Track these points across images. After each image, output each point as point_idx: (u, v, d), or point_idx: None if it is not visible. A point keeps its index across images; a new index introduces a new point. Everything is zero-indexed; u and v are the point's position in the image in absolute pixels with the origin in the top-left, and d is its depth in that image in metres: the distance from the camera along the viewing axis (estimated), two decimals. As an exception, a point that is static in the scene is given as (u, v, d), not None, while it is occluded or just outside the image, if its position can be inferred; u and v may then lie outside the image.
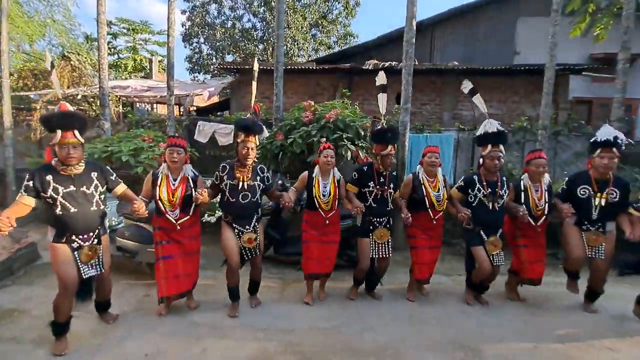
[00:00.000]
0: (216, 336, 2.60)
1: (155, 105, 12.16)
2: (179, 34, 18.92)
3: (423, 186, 3.07)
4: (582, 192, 2.99)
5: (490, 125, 3.04)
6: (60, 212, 2.25)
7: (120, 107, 9.06)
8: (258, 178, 2.88)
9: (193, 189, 2.75)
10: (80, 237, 2.33)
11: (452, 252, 4.46)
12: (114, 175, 2.56)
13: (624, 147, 2.97)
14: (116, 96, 8.86)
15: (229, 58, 18.77)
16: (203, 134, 6.77)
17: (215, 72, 17.76)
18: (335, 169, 3.12)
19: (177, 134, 3.67)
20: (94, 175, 2.40)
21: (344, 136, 4.05)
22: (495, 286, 3.58)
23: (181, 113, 10.13)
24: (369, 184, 3.07)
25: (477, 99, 3.40)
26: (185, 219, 2.76)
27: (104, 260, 2.49)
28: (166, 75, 5.96)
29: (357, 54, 9.61)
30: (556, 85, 4.83)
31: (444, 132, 6.44)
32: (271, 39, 16.97)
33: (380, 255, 3.15)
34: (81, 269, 2.34)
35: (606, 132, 2.92)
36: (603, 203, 2.92)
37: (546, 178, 3.13)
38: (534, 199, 3.07)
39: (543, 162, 3.07)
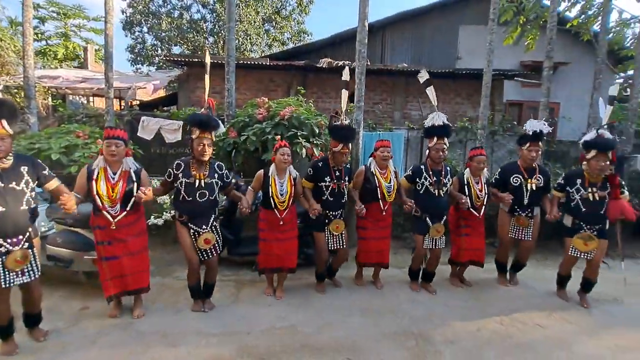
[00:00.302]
0: (166, 345, 2.45)
1: (91, 98, 11.10)
2: (119, 21, 17.52)
3: (375, 177, 3.22)
4: (514, 181, 3.40)
5: (438, 118, 3.28)
6: None
7: (50, 99, 8.13)
8: (216, 175, 2.78)
9: (136, 183, 2.58)
10: (9, 240, 2.09)
11: (403, 245, 4.65)
12: (47, 169, 2.32)
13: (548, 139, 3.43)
14: (44, 87, 7.94)
15: (176, 50, 17.76)
16: (148, 130, 6.31)
17: (161, 64, 16.70)
18: (291, 167, 3.09)
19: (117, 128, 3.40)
20: (24, 169, 2.16)
21: (298, 134, 4.04)
22: (441, 274, 3.82)
23: (122, 107, 9.36)
24: (325, 178, 3.13)
25: (430, 91, 3.61)
26: (123, 214, 2.55)
27: (37, 266, 2.24)
28: (104, 66, 5.45)
29: (312, 51, 9.64)
30: (493, 89, 5.27)
31: (395, 131, 6.72)
32: (222, 31, 16.37)
33: (337, 247, 3.25)
34: (5, 277, 2.08)
35: (533, 124, 3.34)
36: (534, 187, 3.34)
37: (485, 173, 3.44)
38: (475, 191, 3.36)
39: (483, 158, 3.37)
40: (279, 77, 8.27)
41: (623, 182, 3.14)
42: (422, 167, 3.32)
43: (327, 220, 3.20)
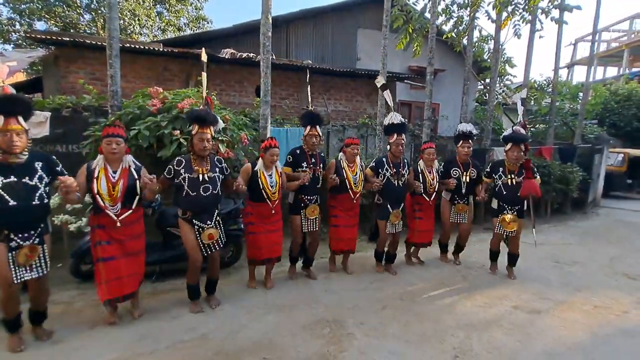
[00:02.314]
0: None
1: None
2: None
3: (344, 170, 3.60)
4: (454, 173, 4.01)
5: (395, 117, 3.68)
6: None
7: None
8: (217, 169, 2.88)
9: (137, 180, 2.57)
10: (20, 235, 2.15)
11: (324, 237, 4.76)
12: (60, 166, 2.35)
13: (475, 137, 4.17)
14: None
15: (41, 26, 14.54)
16: None
17: (21, 42, 13.51)
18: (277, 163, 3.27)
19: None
20: (38, 165, 2.22)
21: (201, 128, 3.72)
22: (356, 260, 4.05)
23: (-42, 92, 7.21)
24: (302, 164, 3.44)
25: (387, 94, 4.06)
26: (127, 214, 2.56)
27: (46, 262, 2.29)
28: None
29: (213, 40, 9.01)
30: (392, 89, 5.78)
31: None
32: (102, 8, 14.05)
33: (312, 229, 3.54)
34: (15, 271, 2.13)
35: (464, 126, 4.02)
36: (468, 180, 3.98)
37: (435, 164, 3.98)
38: (428, 179, 3.87)
39: (433, 150, 3.92)
40: (176, 66, 7.51)
41: (535, 168, 3.83)
42: (384, 159, 3.75)
43: (302, 205, 3.47)
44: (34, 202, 2.16)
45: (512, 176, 3.72)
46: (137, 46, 7.03)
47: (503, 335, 2.76)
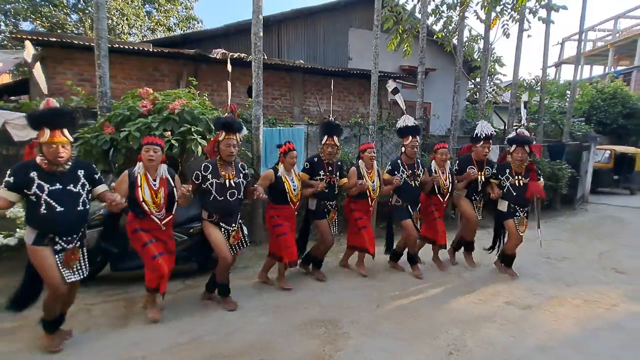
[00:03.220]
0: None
1: None
2: None
3: (363, 177, 3.63)
4: (470, 172, 3.90)
5: (408, 120, 3.74)
6: (45, 211, 2.16)
7: None
8: (241, 175, 2.99)
9: (174, 188, 2.74)
10: (64, 239, 2.25)
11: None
12: (99, 173, 2.46)
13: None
14: None
15: (27, 26, 14.26)
16: (-15, 125, 4.88)
17: (6, 43, 13.23)
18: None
19: None
20: (81, 173, 2.33)
21: (192, 130, 3.69)
22: (351, 259, 4.05)
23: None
24: (320, 172, 3.52)
25: (399, 97, 4.07)
26: (169, 218, 2.76)
27: (85, 266, 2.40)
28: None
29: (203, 40, 8.95)
30: (379, 89, 5.80)
31: (295, 126, 6.80)
32: (89, 8, 13.84)
33: (332, 234, 3.69)
34: (65, 273, 2.25)
35: (487, 128, 3.94)
36: (483, 179, 3.94)
37: (448, 164, 3.97)
38: (441, 180, 3.83)
39: (445, 151, 3.92)
40: (166, 66, 7.44)
41: (539, 171, 3.90)
42: (399, 161, 3.79)
43: (326, 210, 3.63)
44: (77, 208, 2.28)
45: (519, 177, 3.73)
46: (126, 46, 6.94)
47: (496, 331, 2.80)
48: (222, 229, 2.91)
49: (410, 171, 3.75)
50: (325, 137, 3.55)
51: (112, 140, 3.56)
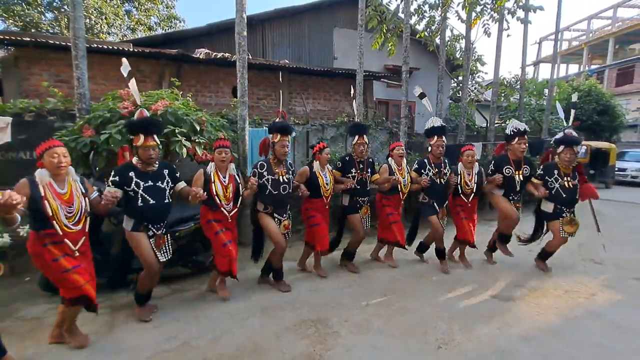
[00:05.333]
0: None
1: None
2: None
3: (395, 173, 3.84)
4: (507, 171, 3.87)
5: (435, 121, 3.87)
6: (141, 204, 2.61)
7: None
8: (291, 172, 3.39)
9: (240, 184, 3.14)
10: (156, 226, 2.71)
11: (298, 237, 4.74)
12: (178, 172, 2.89)
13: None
14: None
15: (-3, 25, 13.68)
16: (-45, 128, 4.64)
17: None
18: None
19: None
20: (166, 172, 2.78)
21: (176, 131, 3.62)
22: (331, 259, 4.06)
23: None
24: (351, 170, 3.76)
25: (426, 101, 4.12)
26: (235, 210, 3.12)
27: (170, 249, 2.85)
28: None
29: (186, 39, 8.80)
30: (365, 88, 5.85)
31: (281, 126, 6.76)
32: (65, 6, 13.39)
33: (364, 227, 3.89)
34: (160, 254, 2.72)
35: (517, 124, 3.88)
36: (522, 178, 3.87)
37: (476, 165, 3.97)
38: (465, 180, 3.91)
39: (472, 152, 3.89)
40: (148, 66, 7.27)
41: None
42: (425, 160, 3.93)
43: (358, 205, 3.83)
44: (164, 201, 2.73)
45: (568, 179, 3.69)
46: (105, 46, 6.75)
47: (483, 324, 2.86)
48: (276, 219, 3.28)
49: (436, 170, 3.86)
50: (356, 136, 3.77)
51: (92, 143, 3.46)
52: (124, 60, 3.17)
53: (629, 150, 14.37)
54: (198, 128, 3.89)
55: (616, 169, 12.35)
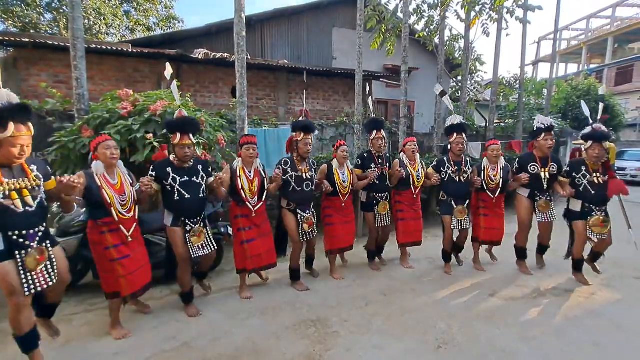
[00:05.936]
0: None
1: None
2: None
3: (406, 167, 3.86)
4: (532, 169, 3.76)
5: (455, 119, 3.83)
6: (177, 198, 2.75)
7: None
8: (313, 170, 3.47)
9: (265, 179, 3.22)
10: (192, 220, 2.82)
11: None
12: (210, 167, 3.04)
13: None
14: None
15: (-4, 25, 13.66)
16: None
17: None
18: (347, 160, 3.68)
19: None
20: (200, 167, 2.89)
21: (175, 131, 3.61)
22: (322, 260, 4.05)
23: None
24: (371, 165, 3.81)
25: (447, 99, 4.12)
26: (260, 205, 3.20)
27: (212, 242, 2.94)
28: None
29: (185, 40, 8.80)
30: (364, 88, 5.84)
31: (281, 127, 6.77)
32: (64, 7, 13.38)
33: (384, 224, 3.89)
34: (191, 249, 2.80)
35: (543, 119, 3.76)
36: (548, 176, 3.71)
37: (502, 161, 3.88)
38: (489, 176, 3.83)
39: (497, 147, 3.82)
40: (147, 67, 7.27)
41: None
42: (445, 158, 3.89)
43: (375, 202, 3.85)
44: (199, 196, 2.83)
45: (598, 175, 3.47)
46: (104, 47, 6.75)
47: (482, 323, 2.86)
48: (299, 216, 3.36)
49: (456, 167, 3.82)
50: (375, 132, 3.83)
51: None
52: (168, 65, 3.23)
53: (628, 149, 14.39)
54: (199, 128, 3.87)
55: (615, 168, 12.33)
